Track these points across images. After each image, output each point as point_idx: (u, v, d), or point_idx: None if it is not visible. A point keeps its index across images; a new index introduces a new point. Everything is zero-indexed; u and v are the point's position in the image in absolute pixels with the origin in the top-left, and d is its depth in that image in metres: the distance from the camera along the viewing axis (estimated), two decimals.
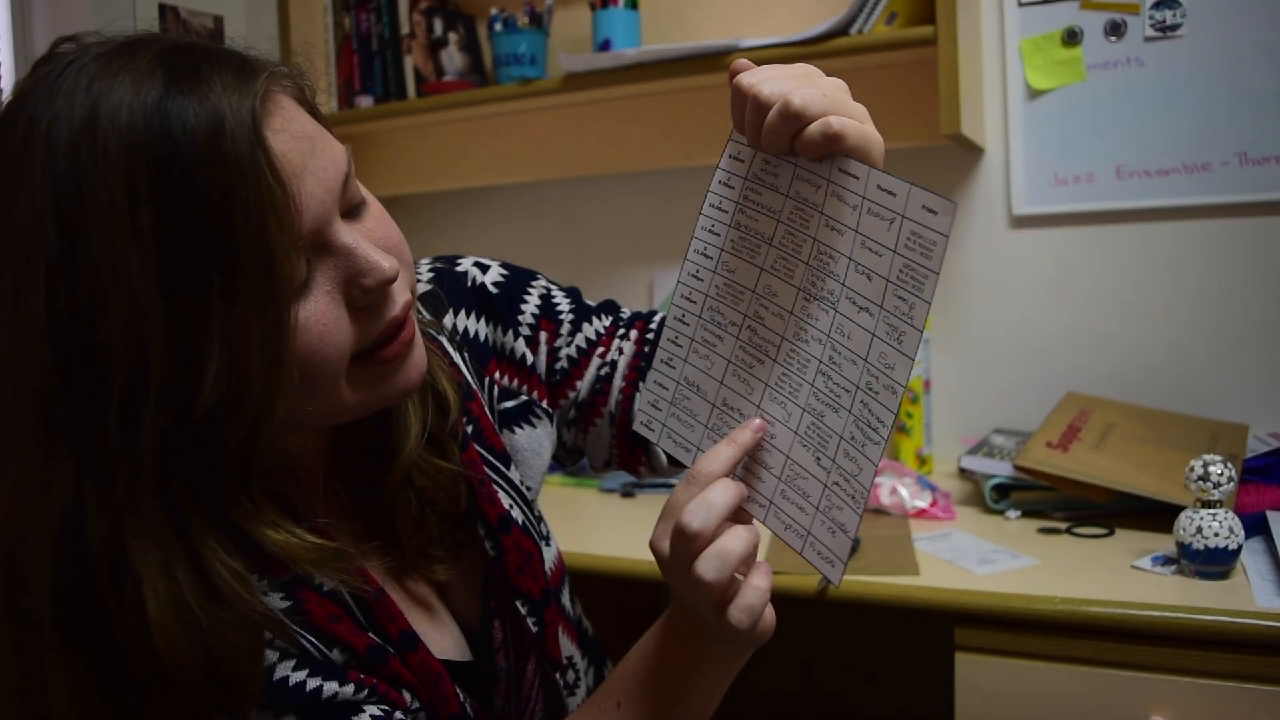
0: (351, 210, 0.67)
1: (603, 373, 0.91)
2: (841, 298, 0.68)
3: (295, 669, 0.66)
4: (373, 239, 0.66)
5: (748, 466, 0.72)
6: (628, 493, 1.70)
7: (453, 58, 2.01)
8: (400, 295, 0.67)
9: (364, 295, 0.64)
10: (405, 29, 1.98)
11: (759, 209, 0.73)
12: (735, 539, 0.68)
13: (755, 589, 0.69)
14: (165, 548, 0.60)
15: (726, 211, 0.75)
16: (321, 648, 0.68)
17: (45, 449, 0.59)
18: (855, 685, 1.77)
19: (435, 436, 0.78)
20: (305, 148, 0.62)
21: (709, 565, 0.67)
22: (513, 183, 2.17)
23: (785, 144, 0.67)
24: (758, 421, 0.72)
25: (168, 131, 0.56)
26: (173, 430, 0.58)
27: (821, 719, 1.79)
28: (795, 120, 0.65)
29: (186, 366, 0.57)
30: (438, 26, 2.00)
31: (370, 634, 0.70)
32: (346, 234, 0.64)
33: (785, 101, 0.65)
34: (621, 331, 0.92)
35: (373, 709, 0.69)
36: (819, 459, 0.69)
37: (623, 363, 0.90)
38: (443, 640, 0.79)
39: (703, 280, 0.76)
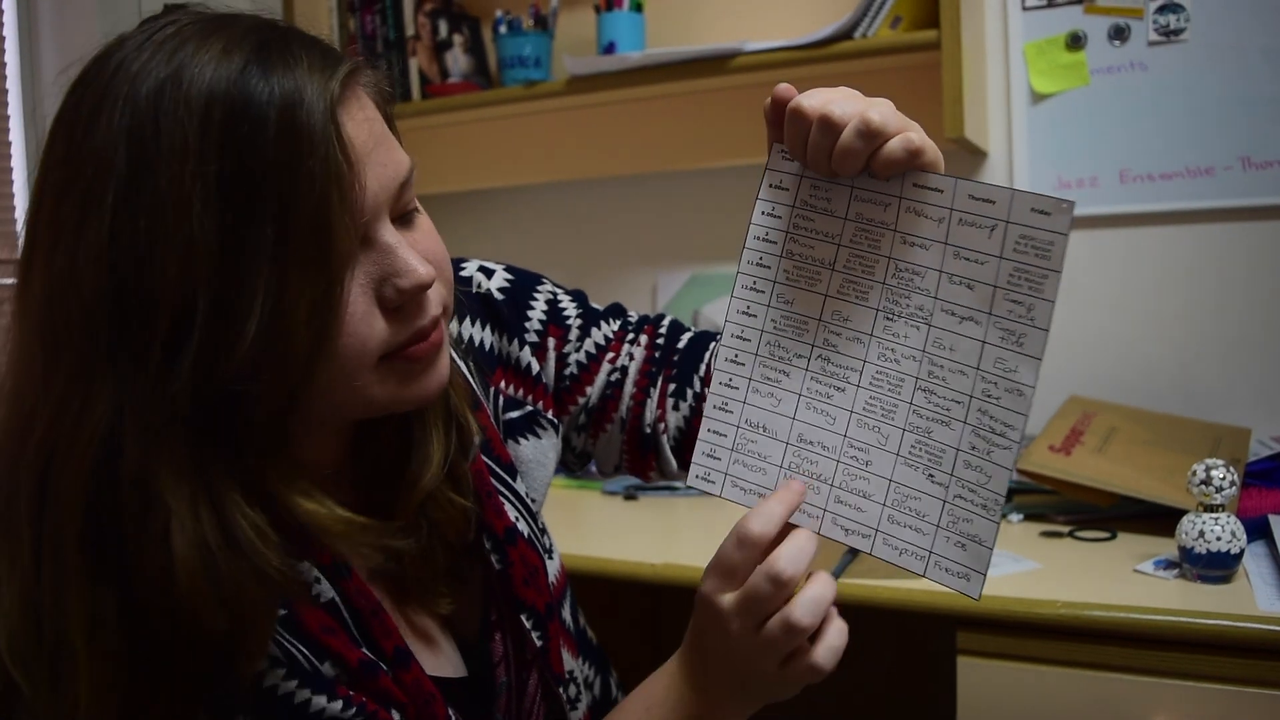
0: (403, 217, 0.67)
1: (613, 379, 0.90)
2: (935, 311, 0.68)
3: (285, 678, 0.65)
4: (417, 247, 0.67)
5: (840, 498, 0.72)
6: (630, 496, 1.70)
7: (457, 60, 2.01)
8: (433, 306, 0.67)
9: (397, 295, 0.64)
10: (410, 31, 1.99)
11: (814, 235, 0.72)
12: (825, 585, 0.69)
13: (839, 630, 0.70)
14: (193, 487, 0.60)
15: (775, 243, 0.73)
16: (313, 659, 0.67)
17: (91, 369, 0.60)
18: (857, 688, 1.77)
19: (453, 471, 0.77)
20: (374, 139, 0.64)
21: (805, 610, 0.68)
22: (517, 185, 2.17)
23: (860, 163, 0.67)
24: (799, 484, 0.72)
25: (248, 92, 0.58)
26: (211, 375, 0.59)
27: None
28: (874, 138, 0.65)
29: (230, 315, 0.58)
30: (443, 28, 2.01)
31: (364, 649, 0.70)
32: (391, 234, 0.65)
33: (864, 119, 0.65)
34: (631, 336, 0.92)
35: None
36: (932, 475, 0.68)
37: (633, 368, 0.90)
38: (437, 657, 0.78)
39: (756, 316, 0.74)
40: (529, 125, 2.10)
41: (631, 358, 0.91)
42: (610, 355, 0.90)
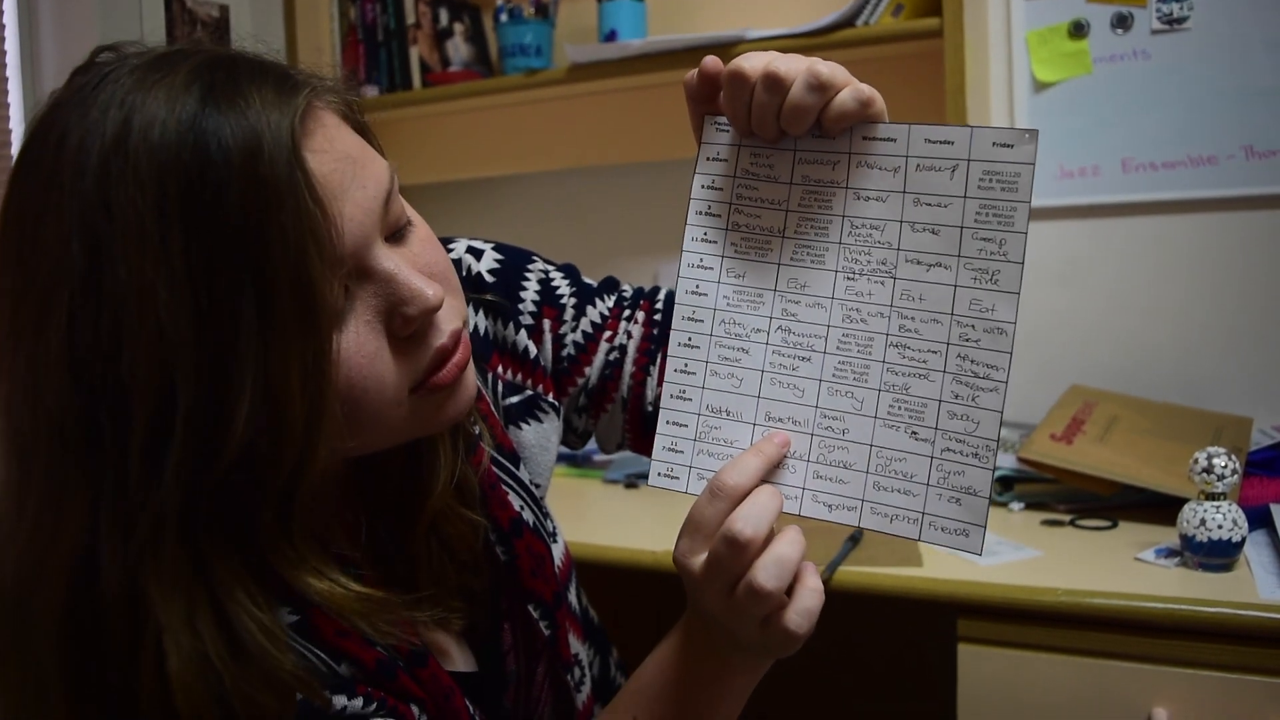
0: (395, 233, 0.64)
1: (612, 358, 0.89)
2: (899, 263, 0.67)
3: None
4: (417, 264, 0.63)
5: (819, 473, 0.68)
6: (631, 484, 1.70)
7: (458, 48, 2.01)
8: (447, 323, 0.64)
9: (406, 324, 0.61)
10: (411, 19, 1.99)
11: (760, 204, 0.70)
12: (791, 544, 0.65)
13: (811, 590, 0.66)
14: (189, 597, 0.56)
15: (719, 215, 0.71)
16: (330, 662, 0.65)
17: (63, 483, 0.55)
18: (858, 676, 1.78)
19: (461, 484, 0.75)
20: (347, 169, 0.59)
21: (768, 574, 0.64)
22: (518, 173, 2.17)
23: (811, 119, 0.65)
24: (782, 435, 0.68)
25: (202, 150, 0.53)
26: (201, 470, 0.55)
27: (824, 710, 1.80)
28: (825, 91, 0.64)
29: (217, 403, 0.53)
30: (443, 17, 2.00)
31: (379, 648, 0.68)
32: (388, 259, 0.61)
33: (813, 72, 0.63)
34: (627, 313, 0.90)
35: None
36: (915, 433, 0.66)
37: (632, 346, 0.88)
38: (449, 652, 0.77)
39: (706, 295, 0.71)
40: (530, 114, 2.10)
41: (629, 336, 0.89)
42: (608, 334, 0.89)
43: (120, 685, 0.56)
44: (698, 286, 0.72)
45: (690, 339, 0.71)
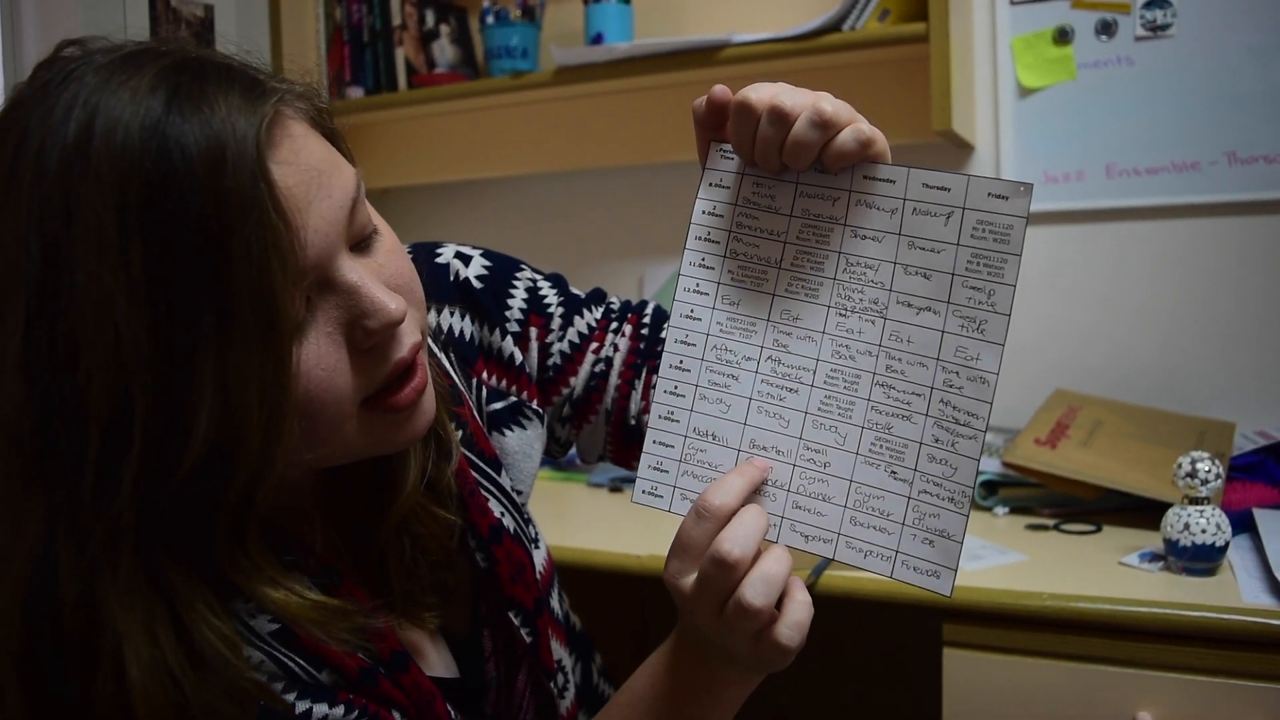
0: (361, 243, 0.63)
1: (598, 369, 0.88)
2: (891, 304, 0.67)
3: (284, 692, 0.64)
4: (381, 275, 0.63)
5: (798, 504, 0.69)
6: (615, 488, 1.69)
7: (444, 50, 2.00)
8: (408, 336, 0.64)
9: (367, 337, 0.60)
10: (397, 20, 1.98)
11: (759, 234, 0.71)
12: (777, 560, 0.66)
13: (800, 604, 0.67)
14: (147, 607, 0.56)
15: (718, 242, 0.72)
16: (310, 669, 0.65)
17: (18, 491, 0.55)
18: (843, 681, 1.78)
19: (434, 483, 0.75)
20: (313, 180, 0.58)
21: (756, 591, 0.64)
22: (504, 176, 2.16)
23: (813, 155, 0.66)
24: (762, 460, 0.69)
25: (165, 157, 0.52)
26: (157, 482, 0.54)
27: (809, 714, 1.80)
28: (827, 128, 0.64)
29: (174, 414, 0.53)
30: (429, 18, 1.99)
31: (360, 654, 0.68)
32: (351, 271, 0.60)
33: (817, 110, 0.64)
34: (614, 325, 0.90)
35: None
36: (894, 472, 0.67)
37: (618, 359, 0.88)
38: (430, 657, 0.77)
39: (701, 320, 0.72)
40: (516, 116, 2.09)
41: (616, 348, 0.89)
42: (594, 345, 0.89)
43: (79, 697, 0.56)
44: (692, 311, 0.72)
45: (682, 362, 0.72)
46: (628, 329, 0.90)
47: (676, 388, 0.72)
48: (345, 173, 0.62)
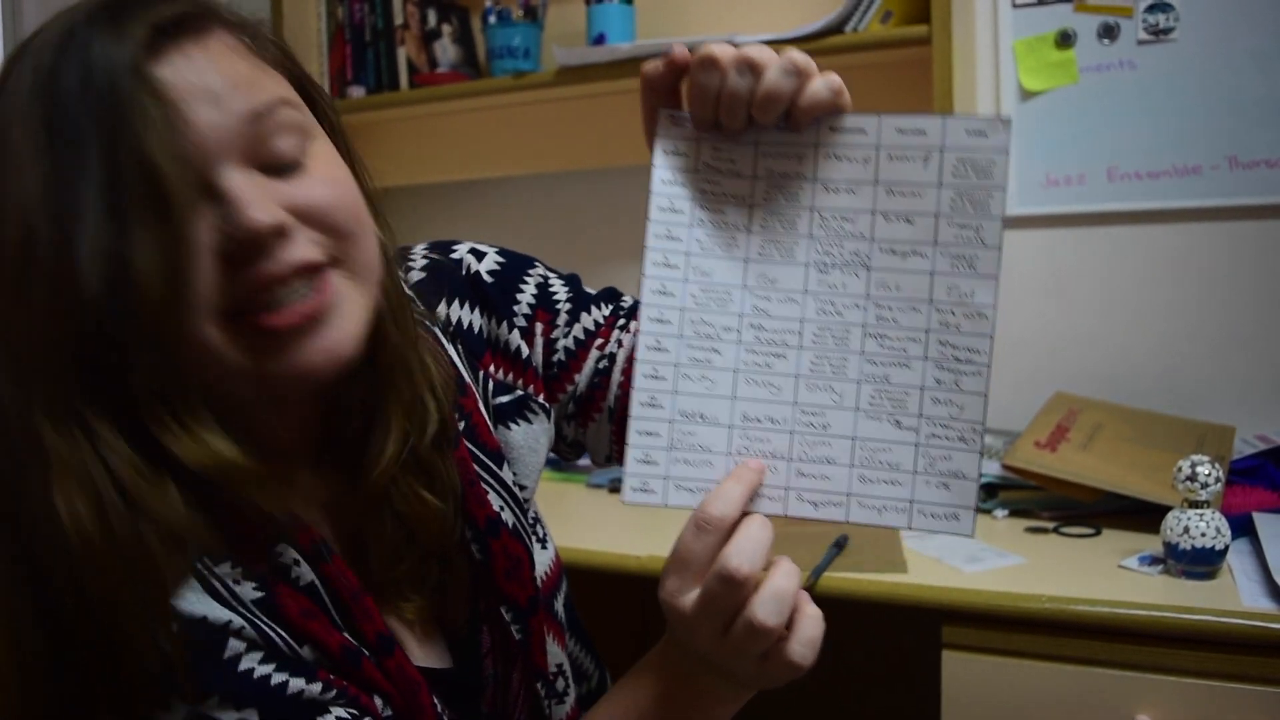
0: (275, 168, 0.63)
1: (601, 366, 0.87)
2: (874, 253, 0.66)
3: (262, 662, 0.64)
4: (282, 196, 0.62)
5: (802, 471, 0.67)
6: (615, 488, 1.69)
7: (446, 49, 2.00)
8: (285, 253, 0.61)
9: (229, 244, 0.60)
10: (399, 20, 1.98)
11: (723, 199, 0.69)
12: (787, 575, 0.63)
13: (813, 619, 0.65)
14: (73, 438, 0.59)
15: (681, 212, 0.69)
16: (292, 643, 0.65)
17: None
18: (842, 682, 1.78)
19: (429, 468, 0.74)
20: (214, 82, 0.61)
21: (768, 609, 0.62)
22: (506, 176, 2.16)
23: (783, 107, 0.64)
24: (757, 463, 0.67)
25: (72, 41, 0.59)
26: (65, 316, 0.58)
27: (808, 716, 1.80)
28: (801, 76, 0.63)
29: (64, 252, 0.57)
30: (431, 18, 2.00)
31: (345, 634, 0.68)
32: (233, 179, 0.60)
33: (790, 58, 0.63)
34: (622, 322, 0.89)
35: (340, 711, 0.66)
36: (899, 422, 0.66)
37: (621, 355, 0.87)
38: (423, 646, 0.77)
39: (673, 295, 0.69)
40: (518, 116, 2.09)
41: (620, 345, 0.88)
42: (599, 342, 0.88)
43: (25, 527, 0.59)
44: (664, 286, 0.69)
45: (658, 342, 0.69)
46: (634, 326, 0.89)
47: (656, 370, 0.69)
48: (262, 89, 0.63)
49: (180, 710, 0.61)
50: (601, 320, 0.89)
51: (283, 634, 0.65)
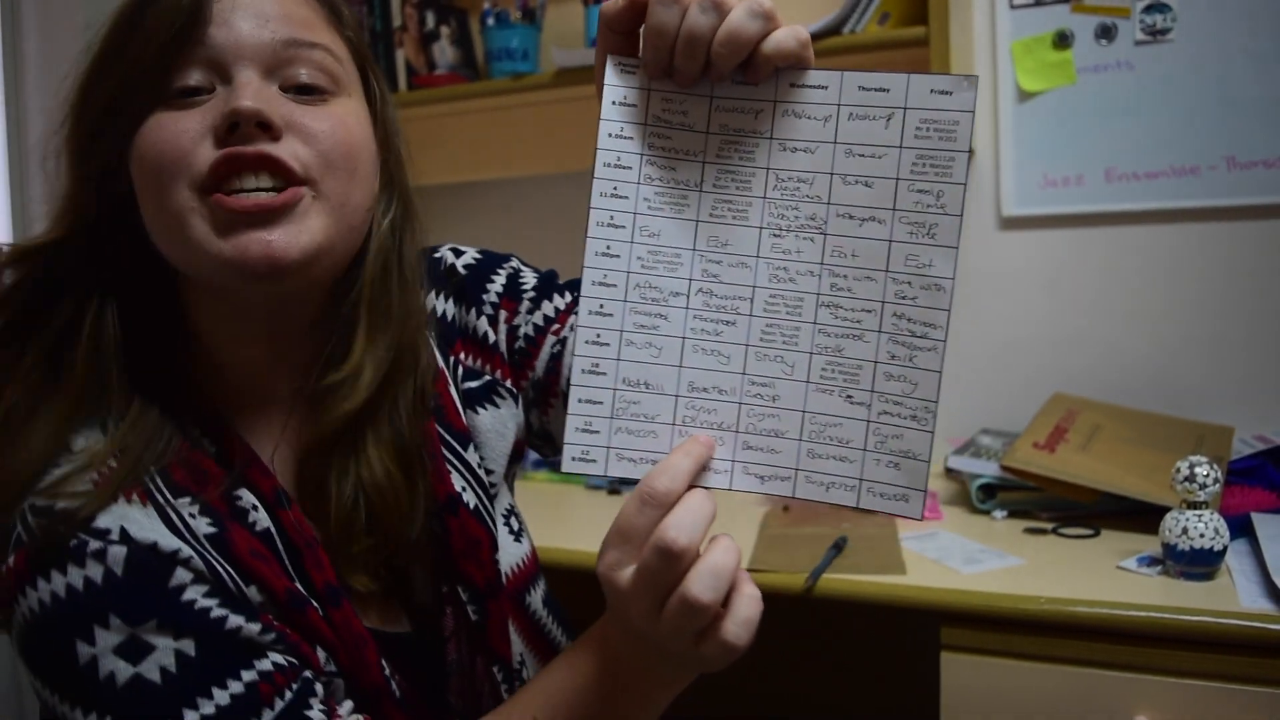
0: (295, 89, 0.69)
1: (555, 350, 0.87)
2: (830, 218, 0.63)
3: (206, 595, 0.64)
4: (284, 109, 0.68)
5: (749, 444, 0.65)
6: (614, 490, 1.69)
7: (444, 51, 2.00)
8: (261, 144, 0.66)
9: (218, 119, 0.66)
10: (397, 22, 1.98)
11: (674, 155, 0.65)
12: (725, 551, 0.61)
13: (750, 598, 0.62)
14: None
15: (629, 168, 0.65)
16: (239, 580, 0.66)
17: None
18: (841, 684, 1.78)
19: (403, 442, 0.75)
20: (267, 7, 0.69)
21: (704, 585, 0.60)
22: (504, 178, 2.16)
23: (745, 51, 0.60)
24: (707, 436, 0.64)
25: None
26: (82, 166, 0.71)
27: (807, 717, 1.80)
28: (768, 20, 0.60)
29: (91, 125, 0.70)
30: (430, 20, 1.99)
31: (295, 582, 0.68)
32: (245, 75, 0.67)
33: (757, 0, 0.59)
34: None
35: (277, 656, 0.66)
36: (850, 396, 0.63)
37: (573, 338, 0.88)
38: (381, 611, 0.77)
39: (619, 256, 0.66)
40: (516, 118, 2.09)
41: (574, 329, 0.88)
42: (555, 327, 0.87)
43: None
44: (608, 247, 0.66)
45: (602, 306, 0.66)
46: None
47: (599, 335, 0.65)
48: (300, 28, 0.70)
49: (119, 632, 0.62)
50: (562, 306, 0.89)
51: (230, 571, 0.66)
